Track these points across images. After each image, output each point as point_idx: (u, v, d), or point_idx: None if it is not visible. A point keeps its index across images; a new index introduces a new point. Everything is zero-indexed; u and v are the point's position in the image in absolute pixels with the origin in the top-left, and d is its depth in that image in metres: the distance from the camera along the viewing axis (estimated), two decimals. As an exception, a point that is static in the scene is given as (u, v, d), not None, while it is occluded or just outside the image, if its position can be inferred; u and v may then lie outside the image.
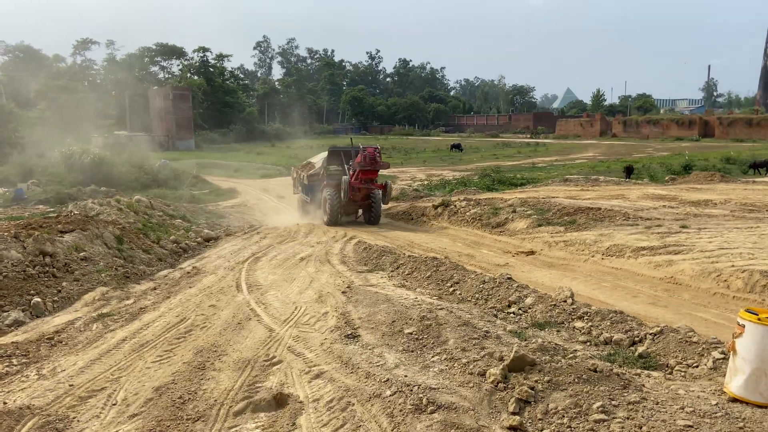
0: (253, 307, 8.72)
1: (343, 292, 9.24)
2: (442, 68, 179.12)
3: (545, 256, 12.65)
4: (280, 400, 5.42)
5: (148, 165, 31.28)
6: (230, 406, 5.45)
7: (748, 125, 67.50)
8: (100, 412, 5.43)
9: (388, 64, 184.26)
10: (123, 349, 7.11)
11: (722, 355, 5.58)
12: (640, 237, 12.45)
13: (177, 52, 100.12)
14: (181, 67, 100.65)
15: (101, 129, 69.18)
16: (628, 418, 4.42)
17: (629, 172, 27.87)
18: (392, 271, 11.00)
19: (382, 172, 18.80)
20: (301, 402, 5.40)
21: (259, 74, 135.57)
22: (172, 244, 14.06)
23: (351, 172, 18.17)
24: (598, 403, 4.61)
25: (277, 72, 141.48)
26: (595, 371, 5.07)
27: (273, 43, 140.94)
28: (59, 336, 7.69)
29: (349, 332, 7.19)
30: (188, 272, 11.61)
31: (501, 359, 5.48)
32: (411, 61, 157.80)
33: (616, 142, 67.92)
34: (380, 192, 18.43)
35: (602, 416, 4.44)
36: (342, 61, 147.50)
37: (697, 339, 6.18)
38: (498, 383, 5.10)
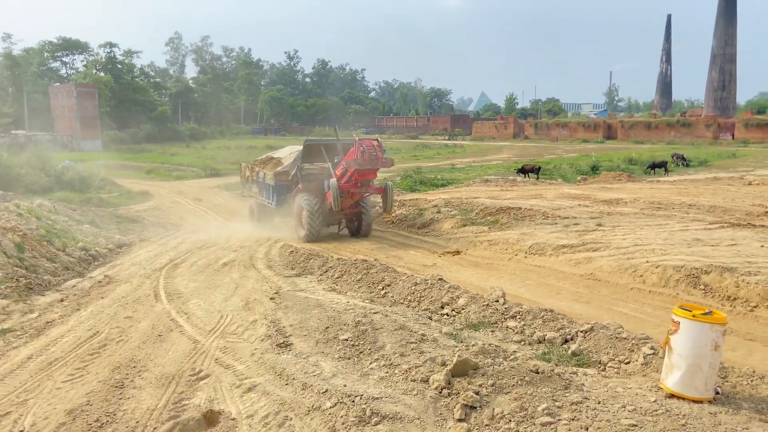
0: (174, 318, 8.20)
1: (271, 299, 8.88)
2: (363, 70, 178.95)
3: (471, 255, 12.78)
4: (210, 419, 5.05)
5: (50, 167, 28.97)
6: (154, 428, 5.03)
7: (647, 128, 72.59)
8: (4, 443, 4.85)
9: (307, 65, 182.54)
10: (29, 368, 6.46)
11: (652, 351, 5.75)
12: (560, 235, 12.86)
13: (81, 47, 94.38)
14: (85, 63, 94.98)
15: (-4, 128, 64.12)
16: (573, 420, 4.41)
17: (526, 172, 28.86)
18: (321, 275, 10.72)
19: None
20: (233, 419, 5.06)
21: (171, 72, 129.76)
22: (80, 251, 13.05)
23: (338, 172, 14.45)
24: (543, 405, 4.58)
25: (192, 70, 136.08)
26: (537, 372, 5.06)
27: (186, 40, 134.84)
28: (-48, 357, 6.88)
29: (281, 341, 6.87)
30: (99, 281, 10.83)
31: (443, 364, 5.36)
32: (330, 62, 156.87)
33: (529, 144, 70.82)
34: (369, 199, 15.32)
35: (548, 419, 4.41)
36: (259, 60, 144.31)
37: (627, 335, 6.35)
38: (442, 389, 4.97)
